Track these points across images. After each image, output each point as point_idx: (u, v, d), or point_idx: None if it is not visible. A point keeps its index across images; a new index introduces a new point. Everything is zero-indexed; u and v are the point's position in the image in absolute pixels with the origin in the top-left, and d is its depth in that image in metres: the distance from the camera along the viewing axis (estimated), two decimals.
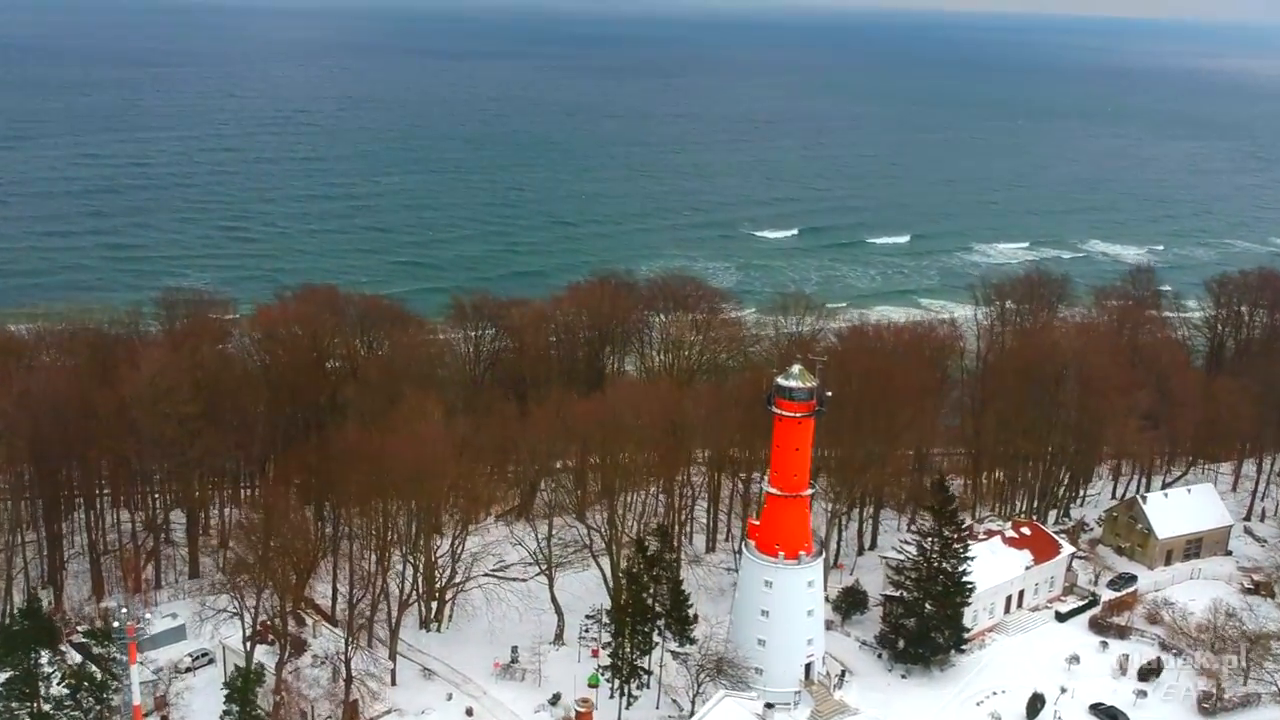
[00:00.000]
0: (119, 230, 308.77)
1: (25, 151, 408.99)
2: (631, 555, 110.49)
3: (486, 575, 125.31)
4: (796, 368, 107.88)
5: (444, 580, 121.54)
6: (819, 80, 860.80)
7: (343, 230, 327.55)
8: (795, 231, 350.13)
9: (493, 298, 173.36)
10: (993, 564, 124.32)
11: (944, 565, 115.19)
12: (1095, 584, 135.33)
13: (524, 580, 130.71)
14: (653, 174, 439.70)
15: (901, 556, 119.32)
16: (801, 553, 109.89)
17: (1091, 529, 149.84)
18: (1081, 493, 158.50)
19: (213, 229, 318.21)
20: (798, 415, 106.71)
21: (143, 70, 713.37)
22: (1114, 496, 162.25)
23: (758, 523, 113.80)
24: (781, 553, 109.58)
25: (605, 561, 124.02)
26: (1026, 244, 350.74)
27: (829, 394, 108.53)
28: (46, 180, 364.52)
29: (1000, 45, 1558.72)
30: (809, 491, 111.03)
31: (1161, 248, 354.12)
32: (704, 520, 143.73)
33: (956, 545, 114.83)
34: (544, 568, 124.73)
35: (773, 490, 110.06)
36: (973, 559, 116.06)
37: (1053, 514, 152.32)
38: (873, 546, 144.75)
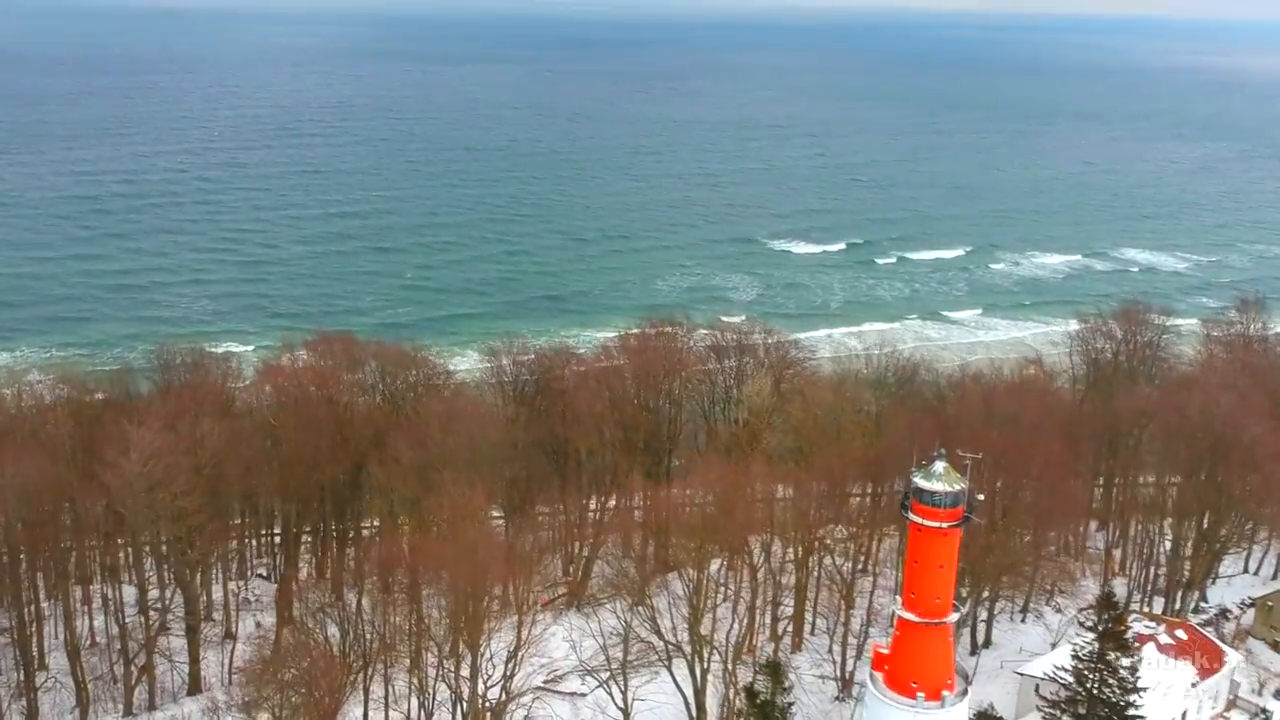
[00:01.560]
0: (108, 255, 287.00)
1: (7, 168, 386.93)
2: (740, 704, 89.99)
3: (537, 690, 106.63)
4: (940, 465, 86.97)
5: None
6: (823, 84, 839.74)
7: (343, 250, 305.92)
8: (814, 243, 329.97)
9: (531, 346, 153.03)
10: (1153, 681, 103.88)
11: (1107, 695, 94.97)
12: (1259, 693, 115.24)
13: (584, 694, 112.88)
14: (661, 182, 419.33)
15: (1045, 678, 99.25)
16: (944, 692, 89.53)
17: (1234, 616, 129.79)
18: (1214, 572, 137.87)
19: (205, 250, 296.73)
20: (943, 525, 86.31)
21: (135, 78, 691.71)
22: (1245, 570, 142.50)
23: (885, 650, 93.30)
24: (920, 692, 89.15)
25: (679, 669, 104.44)
26: (1058, 254, 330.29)
27: (980, 497, 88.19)
28: (29, 198, 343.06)
29: (1005, 46, 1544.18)
30: (954, 617, 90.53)
31: (1212, 259, 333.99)
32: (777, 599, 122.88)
33: (1125, 673, 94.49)
34: (604, 679, 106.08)
35: (908, 615, 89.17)
36: (1145, 690, 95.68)
37: (1180, 598, 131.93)
38: (986, 644, 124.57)
